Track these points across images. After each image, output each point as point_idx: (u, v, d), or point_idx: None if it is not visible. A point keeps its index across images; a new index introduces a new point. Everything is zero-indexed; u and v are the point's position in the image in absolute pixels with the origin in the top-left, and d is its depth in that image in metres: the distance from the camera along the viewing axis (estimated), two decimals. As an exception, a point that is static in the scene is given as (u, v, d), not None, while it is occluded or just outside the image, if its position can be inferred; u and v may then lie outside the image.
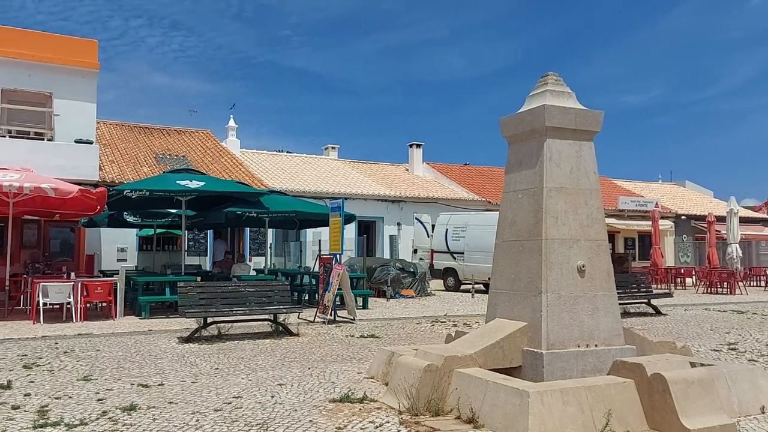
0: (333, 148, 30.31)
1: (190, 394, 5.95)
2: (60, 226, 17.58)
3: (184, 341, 9.18)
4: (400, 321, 12.08)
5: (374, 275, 17.20)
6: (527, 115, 6.19)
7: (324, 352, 8.44)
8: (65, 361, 7.63)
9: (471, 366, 5.46)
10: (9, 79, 16.34)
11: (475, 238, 19.35)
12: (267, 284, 10.72)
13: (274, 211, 13.91)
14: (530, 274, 5.92)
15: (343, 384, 6.40)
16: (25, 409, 5.39)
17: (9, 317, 11.68)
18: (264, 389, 6.18)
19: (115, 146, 21.76)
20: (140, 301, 12.11)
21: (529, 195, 6.08)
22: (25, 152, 15.58)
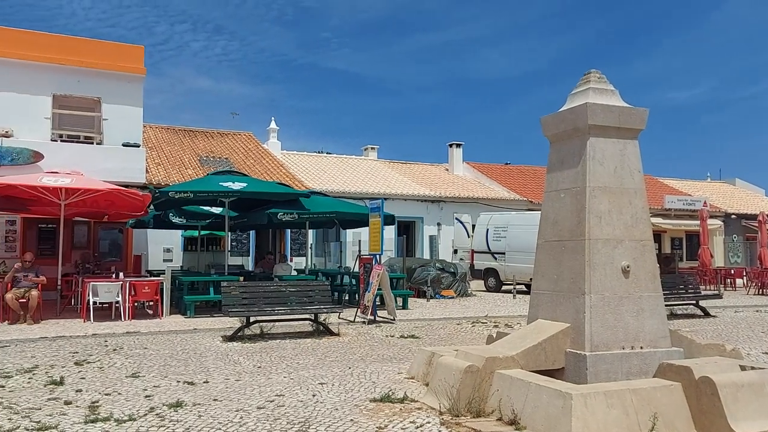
0: (372, 148, 30.42)
1: (234, 392, 6.06)
2: (109, 228, 18.12)
3: (227, 340, 9.35)
4: (440, 321, 12.05)
5: (414, 275, 17.20)
6: (569, 113, 6.10)
7: (364, 351, 8.48)
8: (114, 358, 7.86)
9: (512, 367, 5.41)
10: (60, 85, 16.92)
11: (517, 238, 19.15)
12: (308, 284, 10.84)
13: (315, 212, 14.04)
14: (573, 275, 5.84)
15: (383, 384, 6.43)
16: (77, 404, 5.57)
17: (61, 315, 12.09)
18: (305, 388, 6.25)
19: (161, 149, 22.31)
20: (185, 301, 12.38)
21: (572, 194, 6.00)
22: (75, 156, 16.11)
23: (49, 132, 16.75)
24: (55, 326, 10.66)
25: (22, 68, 16.47)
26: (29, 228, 16.86)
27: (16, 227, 16.64)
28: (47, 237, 16.87)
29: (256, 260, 20.44)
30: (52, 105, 16.88)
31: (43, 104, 16.72)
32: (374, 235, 12.47)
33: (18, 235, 16.65)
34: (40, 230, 16.99)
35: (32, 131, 16.41)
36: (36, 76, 16.58)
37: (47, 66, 16.70)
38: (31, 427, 4.86)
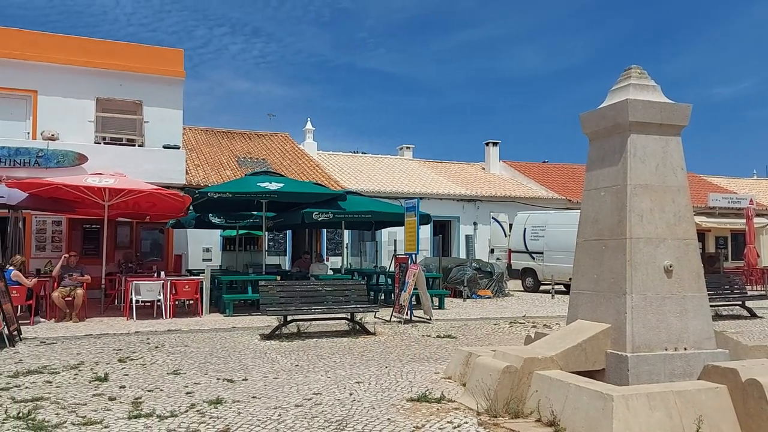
0: (408, 148, 30.41)
1: (272, 390, 6.13)
2: (150, 228, 18.53)
3: (265, 338, 9.46)
4: (477, 321, 11.97)
5: (450, 275, 17.12)
6: (609, 110, 5.99)
7: (401, 351, 8.48)
8: (156, 355, 8.03)
9: (551, 368, 5.34)
10: (103, 89, 17.37)
11: (555, 238, 18.89)
12: (344, 283, 10.89)
13: (351, 211, 14.10)
14: (614, 275, 5.73)
15: (420, 383, 6.41)
16: (120, 400, 5.71)
17: (105, 314, 12.42)
18: (342, 386, 6.28)
19: (200, 151, 22.71)
20: (224, 299, 12.57)
21: (612, 193, 5.88)
22: (118, 158, 16.52)
23: (93, 135, 17.21)
24: (100, 324, 10.95)
25: (67, 73, 16.97)
26: (74, 228, 17.36)
27: (62, 228, 17.16)
28: (92, 237, 17.34)
29: (292, 260, 20.64)
30: (96, 108, 17.34)
31: (87, 108, 17.20)
32: (410, 235, 12.46)
33: (64, 236, 17.16)
34: (84, 231, 17.47)
35: (77, 134, 16.89)
36: (81, 81, 17.07)
37: (91, 70, 17.17)
38: (77, 422, 5.00)
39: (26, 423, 4.92)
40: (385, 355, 8.16)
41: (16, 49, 16.53)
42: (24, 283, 10.83)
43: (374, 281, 15.82)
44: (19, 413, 5.16)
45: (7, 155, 15.49)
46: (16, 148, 15.64)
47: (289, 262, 20.79)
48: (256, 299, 11.82)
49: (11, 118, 16.80)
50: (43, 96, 16.86)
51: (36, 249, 16.71)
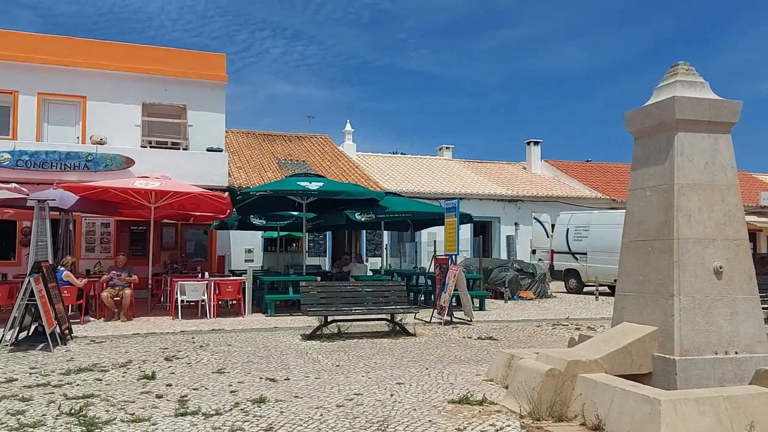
0: (447, 148, 30.28)
1: (314, 390, 6.18)
2: (194, 229, 18.91)
3: (306, 338, 9.54)
4: (518, 323, 11.83)
5: (491, 276, 16.97)
6: (655, 107, 5.85)
7: (441, 352, 8.45)
8: (201, 354, 8.19)
9: (596, 371, 5.24)
10: (149, 94, 17.81)
11: (599, 238, 18.54)
12: (384, 284, 10.91)
13: (391, 212, 14.11)
14: (660, 276, 5.59)
15: (461, 385, 6.37)
16: (167, 398, 5.84)
17: (152, 313, 12.73)
18: (383, 387, 6.29)
19: (242, 153, 23.07)
20: (266, 300, 12.74)
21: (659, 192, 5.74)
22: (163, 161, 16.90)
23: (140, 139, 17.66)
24: (146, 323, 11.23)
25: (115, 79, 17.46)
26: (122, 230, 17.84)
27: (111, 230, 17.65)
28: (138, 238, 17.79)
29: (332, 260, 20.77)
30: (142, 113, 17.78)
31: (133, 112, 17.65)
32: (450, 236, 12.40)
33: (112, 237, 17.66)
34: (132, 232, 17.94)
35: (124, 138, 17.36)
36: (127, 86, 17.54)
37: (137, 76, 17.62)
38: (126, 418, 5.13)
39: (78, 419, 5.08)
40: (426, 356, 8.14)
41: (66, 56, 17.10)
42: (75, 284, 11.19)
43: (414, 282, 15.80)
44: (71, 410, 5.33)
45: (58, 159, 16.02)
46: (66, 152, 16.17)
47: (329, 263, 20.94)
48: (297, 300, 11.94)
49: (62, 123, 17.38)
50: (91, 101, 17.39)
51: (86, 250, 17.24)
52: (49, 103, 17.23)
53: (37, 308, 8.45)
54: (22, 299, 8.46)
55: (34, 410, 5.36)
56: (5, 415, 5.21)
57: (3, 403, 5.57)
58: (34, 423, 4.98)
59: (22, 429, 4.83)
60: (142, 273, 13.47)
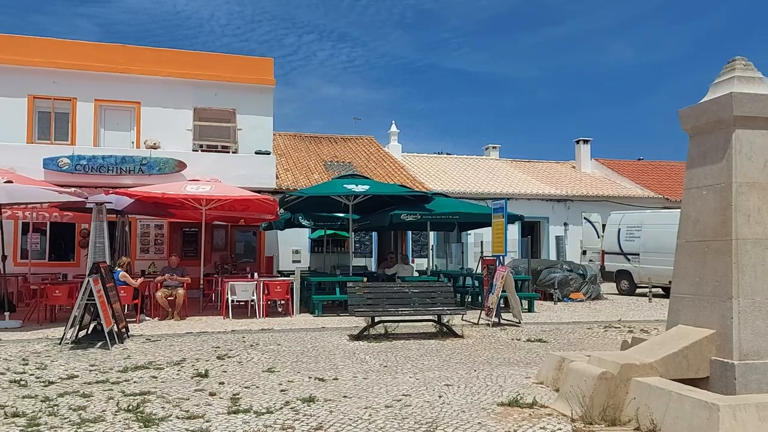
0: (494, 147, 29.99)
1: (362, 390, 6.22)
2: (244, 231, 19.28)
3: (354, 339, 9.61)
4: (569, 325, 11.63)
5: (540, 277, 16.73)
6: (711, 104, 5.66)
7: (490, 354, 8.38)
8: (252, 353, 8.35)
9: (650, 375, 5.11)
10: (199, 99, 18.26)
11: (652, 239, 18.05)
12: (430, 285, 10.88)
13: (437, 212, 14.07)
14: (718, 278, 5.41)
15: (510, 388, 6.31)
16: (220, 396, 5.98)
17: (203, 312, 13.04)
18: (431, 389, 6.28)
19: (289, 156, 23.40)
20: (314, 300, 12.89)
21: (716, 191, 5.56)
22: (213, 164, 17.31)
23: (191, 143, 18.12)
24: (199, 322, 11.51)
25: (167, 84, 17.98)
26: (175, 232, 18.34)
27: (164, 231, 18.17)
28: (190, 240, 18.25)
29: (378, 261, 20.84)
30: (193, 117, 18.25)
31: (185, 117, 18.14)
32: (497, 236, 12.28)
33: (165, 238, 18.17)
34: (184, 234, 18.43)
35: (176, 142, 17.86)
36: (179, 92, 18.04)
37: (189, 81, 18.11)
38: (181, 415, 5.28)
39: (135, 415, 5.25)
40: (474, 358, 8.09)
41: (121, 63, 17.69)
42: (130, 284, 11.56)
43: (460, 283, 15.71)
44: (129, 406, 5.51)
45: (114, 163, 16.59)
46: (122, 157, 16.73)
47: (375, 264, 21.02)
48: (343, 300, 12.04)
49: (118, 129, 17.99)
50: (145, 107, 17.94)
51: (140, 251, 17.80)
52: (105, 109, 17.86)
53: (96, 307, 8.77)
54: (81, 299, 8.80)
55: (95, 406, 5.57)
56: (68, 410, 5.42)
57: (65, 399, 5.81)
58: (95, 418, 5.17)
59: (83, 424, 5.02)
60: (194, 273, 13.81)
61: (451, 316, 10.58)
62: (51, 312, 11.88)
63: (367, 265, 20.62)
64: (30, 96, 17.18)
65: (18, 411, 5.35)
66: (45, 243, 17.44)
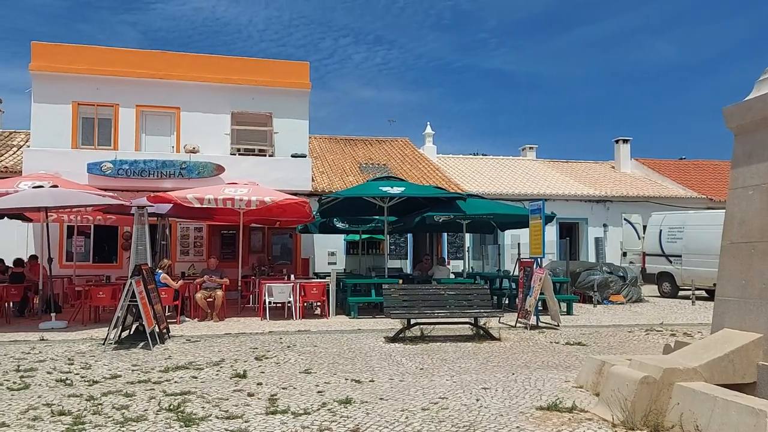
0: (531, 148, 29.65)
1: (399, 392, 6.21)
2: (280, 233, 19.48)
3: (390, 341, 9.60)
4: (608, 328, 11.41)
5: (579, 280, 16.45)
6: (757, 102, 5.49)
7: (528, 357, 8.27)
8: (289, 354, 8.42)
9: (694, 380, 4.97)
10: (237, 103, 18.53)
11: (695, 240, 17.59)
12: (466, 287, 10.80)
13: (472, 214, 13.97)
14: (765, 280, 5.23)
15: (549, 392, 6.22)
16: (258, 396, 6.04)
17: (241, 314, 13.21)
18: (468, 392, 6.23)
19: (324, 158, 23.55)
20: (349, 302, 12.93)
21: (762, 191, 5.39)
22: (251, 167, 17.54)
23: (229, 147, 18.40)
24: (237, 323, 11.67)
25: (206, 90, 18.30)
26: (213, 234, 18.63)
27: (203, 234, 18.48)
28: (228, 242, 18.52)
29: (413, 263, 20.80)
30: (231, 122, 18.52)
31: (223, 121, 18.42)
32: (535, 238, 12.13)
33: (204, 241, 18.48)
34: (222, 236, 18.71)
35: (214, 146, 18.15)
36: (218, 96, 18.34)
37: (227, 86, 18.39)
38: (220, 415, 5.35)
39: (176, 415, 5.34)
40: (512, 361, 8.00)
41: (162, 69, 18.07)
42: (171, 285, 11.79)
43: (497, 285, 15.56)
44: (170, 405, 5.62)
45: (155, 167, 16.96)
46: (163, 161, 17.09)
47: (410, 266, 20.99)
48: (379, 302, 12.04)
49: (158, 134, 18.38)
50: (185, 112, 18.29)
51: (180, 253, 18.13)
52: (146, 114, 18.27)
53: (138, 309, 8.97)
54: (124, 300, 9.01)
55: (137, 405, 5.69)
56: (111, 409, 5.56)
57: (109, 398, 5.95)
58: (137, 417, 5.28)
59: (126, 423, 5.13)
60: (232, 275, 14.00)
61: (487, 319, 10.48)
62: (95, 313, 12.20)
63: (403, 267, 20.60)
64: (74, 103, 17.68)
65: (64, 409, 5.50)
66: (89, 245, 17.93)
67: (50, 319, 11.12)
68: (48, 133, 17.36)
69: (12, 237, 16.50)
